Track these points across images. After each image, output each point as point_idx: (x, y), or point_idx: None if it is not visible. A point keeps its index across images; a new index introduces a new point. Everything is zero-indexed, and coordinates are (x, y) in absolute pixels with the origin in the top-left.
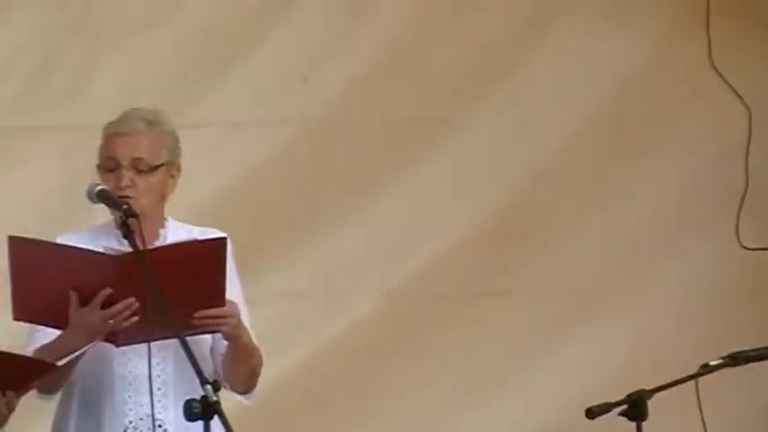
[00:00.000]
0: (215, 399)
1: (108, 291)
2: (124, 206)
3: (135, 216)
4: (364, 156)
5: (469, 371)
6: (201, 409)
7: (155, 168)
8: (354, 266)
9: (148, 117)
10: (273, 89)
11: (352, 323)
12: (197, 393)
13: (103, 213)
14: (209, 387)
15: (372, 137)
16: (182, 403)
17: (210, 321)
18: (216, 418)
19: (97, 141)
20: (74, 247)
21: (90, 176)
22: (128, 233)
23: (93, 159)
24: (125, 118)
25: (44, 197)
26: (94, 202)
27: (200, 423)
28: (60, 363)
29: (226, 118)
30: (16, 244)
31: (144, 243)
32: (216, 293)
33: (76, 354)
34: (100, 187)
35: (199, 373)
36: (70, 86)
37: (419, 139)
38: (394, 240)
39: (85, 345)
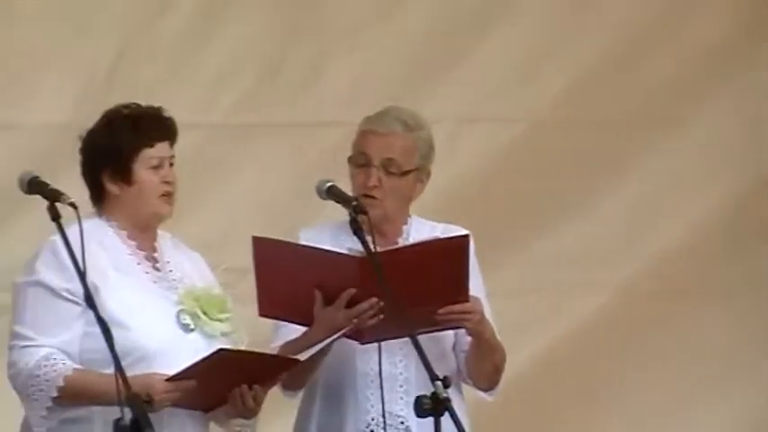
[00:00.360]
0: (445, 395)
1: (352, 291)
2: (354, 203)
3: (365, 213)
4: (590, 153)
5: (695, 369)
6: (432, 406)
7: (405, 173)
8: (582, 263)
9: (407, 120)
10: (501, 86)
11: (580, 320)
12: None
13: (333, 210)
14: (438, 383)
15: (598, 134)
16: None
17: (454, 317)
18: (446, 414)
19: (327, 138)
20: (316, 248)
21: (320, 173)
22: (357, 230)
23: (323, 156)
24: (383, 116)
25: (274, 194)
26: (324, 199)
27: (442, 420)
28: (302, 357)
29: (454, 115)
30: (260, 244)
31: (374, 239)
32: (459, 289)
33: (318, 347)
34: (329, 184)
35: (429, 369)
36: (299, 84)
37: (644, 136)
38: (621, 237)
39: (330, 341)
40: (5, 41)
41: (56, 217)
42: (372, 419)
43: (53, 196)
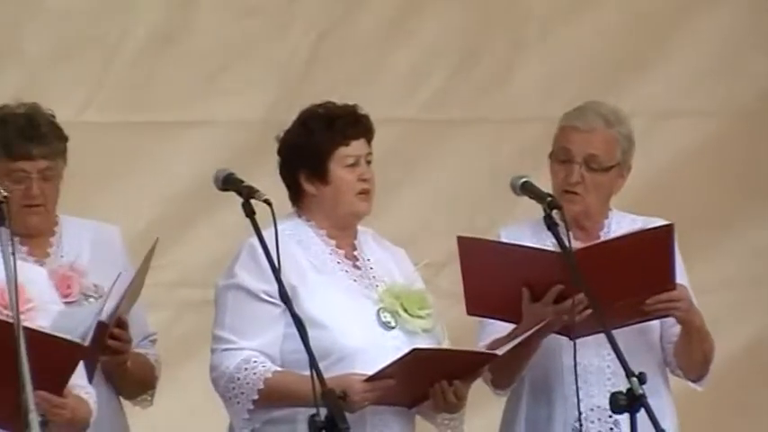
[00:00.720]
0: (641, 392)
1: (560, 287)
2: (548, 199)
3: (559, 208)
4: None
5: None
6: (627, 402)
7: (607, 169)
8: None
9: (608, 115)
10: (699, 80)
11: None
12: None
13: (528, 206)
14: (634, 380)
15: None
16: None
17: (662, 306)
18: (642, 411)
19: (521, 133)
20: (520, 246)
21: (514, 168)
22: (551, 225)
23: (517, 151)
24: (584, 112)
25: (469, 189)
26: (518, 194)
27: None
28: (500, 352)
29: (651, 108)
30: (465, 243)
31: (568, 235)
32: (665, 279)
33: (518, 341)
34: (524, 179)
35: (624, 364)
36: (493, 79)
37: None
38: None
39: (538, 338)
40: (202, 38)
41: (250, 213)
42: (581, 413)
43: (248, 193)
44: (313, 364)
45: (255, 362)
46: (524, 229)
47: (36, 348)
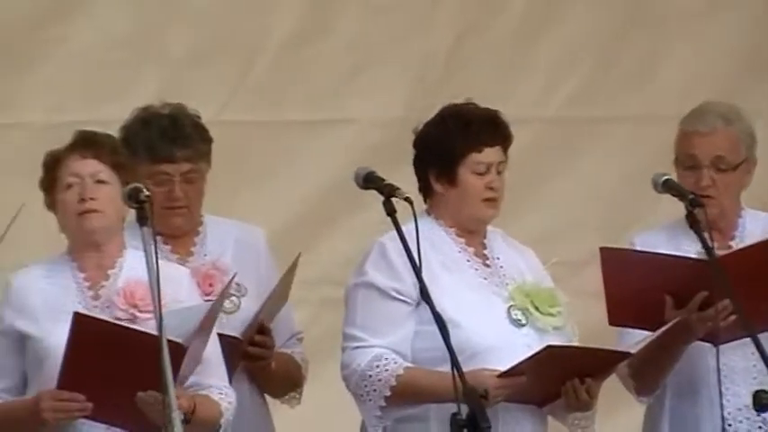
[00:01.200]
0: None
1: (704, 294)
2: (690, 196)
3: (701, 206)
4: None
5: None
6: None
7: (735, 167)
8: None
9: (727, 114)
10: None
11: None
12: None
13: (668, 204)
14: None
15: None
16: None
17: None
18: None
19: (662, 131)
20: (663, 254)
21: (654, 166)
22: (694, 223)
23: (657, 149)
24: (703, 115)
25: (609, 187)
26: (659, 192)
27: None
28: (633, 350)
29: None
30: (607, 254)
31: (711, 237)
32: None
33: (651, 338)
34: (665, 177)
35: (767, 362)
36: (635, 76)
37: None
38: None
39: (683, 344)
40: (341, 37)
41: (391, 212)
42: (728, 413)
43: (389, 191)
44: (454, 361)
45: (387, 359)
46: (660, 235)
47: (143, 348)
